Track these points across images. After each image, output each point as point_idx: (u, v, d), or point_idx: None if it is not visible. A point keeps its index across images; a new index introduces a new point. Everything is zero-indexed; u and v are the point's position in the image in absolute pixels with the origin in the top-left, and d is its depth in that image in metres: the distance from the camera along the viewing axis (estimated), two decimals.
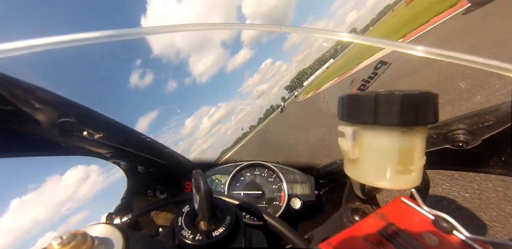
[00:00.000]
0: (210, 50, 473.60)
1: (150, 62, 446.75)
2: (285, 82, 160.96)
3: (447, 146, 0.31)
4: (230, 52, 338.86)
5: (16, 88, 0.27)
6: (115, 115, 0.40)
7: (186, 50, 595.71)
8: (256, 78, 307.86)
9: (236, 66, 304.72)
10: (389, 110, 0.20)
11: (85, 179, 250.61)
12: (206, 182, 0.25)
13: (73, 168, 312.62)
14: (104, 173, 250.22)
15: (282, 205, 0.63)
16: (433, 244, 0.19)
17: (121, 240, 0.21)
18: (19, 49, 0.21)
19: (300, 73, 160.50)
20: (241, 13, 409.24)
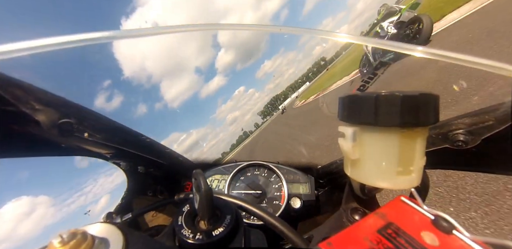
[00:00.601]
0: (183, 75, 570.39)
1: (119, 83, 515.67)
2: (258, 108, 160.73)
3: (446, 146, 0.31)
4: (204, 78, 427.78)
5: (16, 89, 0.27)
6: None
7: (158, 75, 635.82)
8: (229, 105, 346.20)
9: (209, 93, 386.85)
10: (389, 111, 0.20)
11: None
12: (206, 182, 0.25)
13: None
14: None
15: (282, 204, 0.63)
16: (433, 243, 0.19)
17: (121, 239, 0.22)
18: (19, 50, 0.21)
19: (274, 99, 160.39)
20: (216, 41, 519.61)
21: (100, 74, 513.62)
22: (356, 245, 0.19)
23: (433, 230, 0.20)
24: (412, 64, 3.62)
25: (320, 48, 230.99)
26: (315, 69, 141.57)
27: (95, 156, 0.48)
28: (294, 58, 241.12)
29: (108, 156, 0.50)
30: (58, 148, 0.39)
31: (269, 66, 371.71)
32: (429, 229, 0.20)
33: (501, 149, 0.29)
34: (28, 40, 0.22)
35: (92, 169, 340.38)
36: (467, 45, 3.28)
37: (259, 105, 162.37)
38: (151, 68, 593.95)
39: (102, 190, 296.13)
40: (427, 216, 0.22)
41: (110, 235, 0.22)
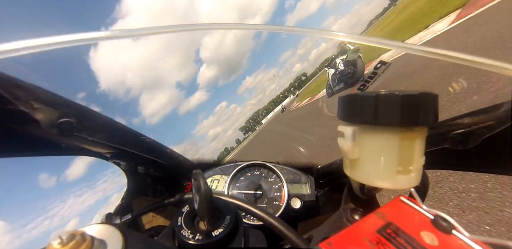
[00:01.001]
0: (164, 90, 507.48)
1: (95, 96, 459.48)
2: (239, 124, 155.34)
3: (446, 146, 0.31)
4: (185, 93, 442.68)
5: (16, 88, 0.27)
6: None
7: (137, 88, 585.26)
8: (211, 120, 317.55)
9: (190, 108, 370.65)
10: (389, 111, 0.20)
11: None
12: (206, 182, 0.25)
13: None
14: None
15: (282, 205, 0.63)
16: (432, 243, 0.19)
17: (121, 240, 0.22)
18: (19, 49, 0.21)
19: (255, 114, 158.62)
20: (199, 56, 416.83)
21: (74, 85, 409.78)
22: (356, 245, 0.19)
23: (433, 230, 0.20)
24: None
25: (300, 65, 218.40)
26: (296, 84, 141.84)
27: (95, 155, 0.48)
28: (275, 74, 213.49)
29: (108, 156, 0.50)
30: (58, 148, 0.39)
31: (251, 82, 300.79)
32: (428, 229, 0.20)
33: (501, 149, 0.29)
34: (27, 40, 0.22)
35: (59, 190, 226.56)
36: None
37: (241, 120, 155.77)
38: (130, 81, 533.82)
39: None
40: (426, 216, 0.22)
41: (110, 236, 0.22)
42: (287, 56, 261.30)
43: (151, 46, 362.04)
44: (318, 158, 3.48)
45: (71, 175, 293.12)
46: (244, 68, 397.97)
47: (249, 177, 0.71)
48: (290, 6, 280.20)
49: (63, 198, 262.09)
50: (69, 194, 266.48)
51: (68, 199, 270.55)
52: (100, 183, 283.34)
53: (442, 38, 4.74)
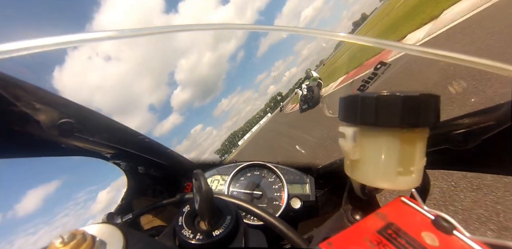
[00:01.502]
0: (136, 113, 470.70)
1: None
2: (216, 147, 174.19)
3: (447, 146, 0.31)
4: (158, 116, 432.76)
5: (16, 88, 0.27)
6: None
7: (107, 111, 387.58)
8: (185, 144, 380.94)
9: (163, 132, 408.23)
10: (390, 112, 0.20)
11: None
12: (206, 182, 0.25)
13: None
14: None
15: (282, 205, 0.63)
16: (433, 244, 0.19)
17: (122, 239, 0.22)
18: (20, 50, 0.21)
19: (232, 135, 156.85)
20: (173, 79, 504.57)
21: None
22: (357, 245, 0.19)
23: (434, 230, 0.20)
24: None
25: (274, 87, 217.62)
26: (272, 104, 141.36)
27: (95, 156, 0.48)
28: (250, 96, 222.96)
29: (108, 156, 0.50)
30: (58, 148, 0.39)
31: (227, 104, 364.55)
32: (429, 229, 0.20)
33: (502, 150, 0.29)
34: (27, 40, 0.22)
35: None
36: None
37: (218, 143, 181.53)
38: (98, 104, 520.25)
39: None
40: (427, 217, 0.22)
41: (111, 235, 0.22)
42: (262, 78, 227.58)
43: (122, 67, 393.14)
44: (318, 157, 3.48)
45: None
46: (219, 90, 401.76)
47: (249, 177, 0.71)
48: (263, 31, 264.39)
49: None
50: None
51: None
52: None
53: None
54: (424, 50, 0.26)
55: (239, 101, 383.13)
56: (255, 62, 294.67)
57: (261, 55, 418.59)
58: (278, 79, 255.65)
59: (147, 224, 0.64)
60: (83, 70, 18.16)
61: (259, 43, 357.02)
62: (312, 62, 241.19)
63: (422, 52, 0.26)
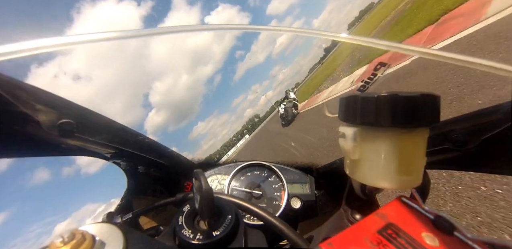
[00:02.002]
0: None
1: None
2: None
3: (447, 146, 0.31)
4: None
5: (16, 89, 0.27)
6: None
7: None
8: None
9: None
10: (390, 112, 0.20)
11: None
12: (206, 182, 0.25)
13: None
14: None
15: (282, 205, 0.63)
16: (433, 244, 0.19)
17: (122, 239, 0.22)
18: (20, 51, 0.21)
19: (207, 159, 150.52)
20: (148, 101, 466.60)
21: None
22: (357, 245, 0.19)
23: (434, 230, 0.20)
24: None
25: (251, 110, 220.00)
26: (249, 126, 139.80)
27: (95, 156, 0.48)
28: (227, 120, 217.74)
29: (108, 156, 0.50)
30: (58, 148, 0.39)
31: (203, 128, 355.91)
32: (429, 229, 0.20)
33: (501, 150, 0.29)
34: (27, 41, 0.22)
35: None
36: None
37: None
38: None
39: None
40: (427, 217, 0.22)
41: (111, 235, 0.22)
42: (239, 102, 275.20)
43: (91, 87, 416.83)
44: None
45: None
46: (196, 113, 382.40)
47: (249, 176, 0.71)
48: (240, 56, 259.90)
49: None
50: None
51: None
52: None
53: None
54: (425, 51, 0.26)
55: (216, 125, 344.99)
56: (232, 86, 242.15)
57: (237, 80, 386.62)
58: (256, 101, 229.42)
59: (147, 224, 0.64)
60: (50, 87, 16.77)
61: (236, 68, 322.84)
62: (288, 86, 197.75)
63: (423, 53, 0.26)
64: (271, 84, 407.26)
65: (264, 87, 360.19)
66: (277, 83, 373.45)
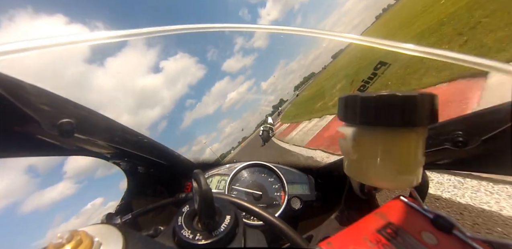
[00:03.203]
0: (5, 173, 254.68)
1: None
2: None
3: (446, 146, 0.31)
4: (40, 182, 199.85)
5: (16, 88, 0.27)
6: None
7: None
8: (72, 223, 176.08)
9: (43, 204, 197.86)
10: (389, 112, 0.20)
11: None
12: (206, 182, 0.25)
13: None
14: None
15: (281, 205, 0.63)
16: (432, 243, 0.19)
17: (121, 239, 0.22)
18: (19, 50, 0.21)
19: None
20: None
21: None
22: (356, 244, 0.19)
23: (433, 229, 0.20)
24: None
25: (208, 151, 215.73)
26: None
27: (95, 156, 0.48)
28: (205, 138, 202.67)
29: (108, 156, 0.50)
30: (58, 148, 0.39)
31: None
32: (428, 228, 0.21)
33: (501, 150, 0.29)
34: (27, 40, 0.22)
35: None
36: None
37: None
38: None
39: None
40: (426, 216, 0.22)
41: (110, 235, 0.22)
42: (183, 151, 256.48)
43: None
44: None
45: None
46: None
47: (249, 177, 0.71)
48: (190, 105, 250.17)
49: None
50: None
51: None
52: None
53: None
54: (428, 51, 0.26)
55: None
56: (177, 134, 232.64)
57: (184, 128, 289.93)
58: (201, 152, 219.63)
59: (147, 224, 0.64)
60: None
61: (184, 116, 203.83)
62: (235, 139, 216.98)
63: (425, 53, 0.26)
64: (218, 136, 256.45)
65: (211, 138, 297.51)
66: (224, 136, 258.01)
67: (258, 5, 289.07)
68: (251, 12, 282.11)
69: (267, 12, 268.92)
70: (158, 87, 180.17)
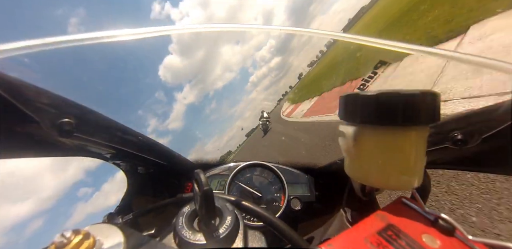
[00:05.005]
0: None
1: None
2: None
3: (446, 145, 0.31)
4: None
5: (16, 88, 0.27)
6: None
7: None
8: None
9: None
10: (390, 110, 0.20)
11: None
12: (207, 182, 0.25)
13: None
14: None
15: (282, 205, 0.63)
16: (433, 245, 0.19)
17: (122, 239, 0.22)
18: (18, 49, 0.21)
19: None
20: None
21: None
22: (356, 246, 0.19)
23: (434, 232, 0.20)
24: None
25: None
26: None
27: (95, 156, 0.48)
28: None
29: (108, 156, 0.50)
30: (58, 148, 0.39)
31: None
32: (430, 230, 0.20)
33: (501, 148, 0.29)
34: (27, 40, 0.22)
35: None
36: None
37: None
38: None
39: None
40: (428, 218, 0.22)
41: (111, 235, 0.22)
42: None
43: None
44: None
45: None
46: None
47: (249, 177, 0.71)
48: (85, 195, 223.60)
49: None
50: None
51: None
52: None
53: None
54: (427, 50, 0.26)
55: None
56: None
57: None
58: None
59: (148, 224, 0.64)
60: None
61: (73, 211, 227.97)
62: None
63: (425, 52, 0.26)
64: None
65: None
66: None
67: (175, 89, 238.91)
68: (167, 95, 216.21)
69: (183, 96, 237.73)
70: (41, 169, 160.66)
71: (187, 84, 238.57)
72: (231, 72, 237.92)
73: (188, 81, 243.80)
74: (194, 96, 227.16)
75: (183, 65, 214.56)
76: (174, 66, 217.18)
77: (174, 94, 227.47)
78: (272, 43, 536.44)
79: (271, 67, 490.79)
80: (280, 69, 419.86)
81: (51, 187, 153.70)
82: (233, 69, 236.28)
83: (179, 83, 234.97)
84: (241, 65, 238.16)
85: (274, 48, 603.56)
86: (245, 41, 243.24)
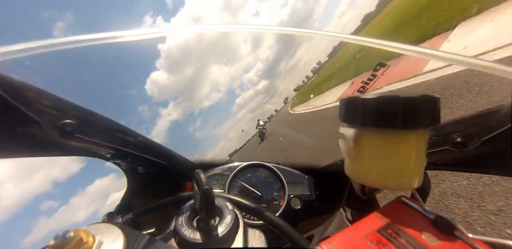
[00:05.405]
0: None
1: None
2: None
3: (446, 147, 0.31)
4: None
5: (17, 89, 0.27)
6: None
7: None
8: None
9: None
10: (390, 113, 0.20)
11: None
12: (207, 182, 0.25)
13: None
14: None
15: (282, 205, 0.63)
16: (433, 244, 0.19)
17: (122, 239, 0.22)
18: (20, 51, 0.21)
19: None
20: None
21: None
22: (356, 244, 0.19)
23: (434, 230, 0.20)
24: None
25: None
26: None
27: (96, 156, 0.48)
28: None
29: (108, 156, 0.50)
30: (58, 148, 0.39)
31: None
32: (430, 229, 0.21)
33: (500, 151, 0.29)
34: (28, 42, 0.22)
35: None
36: None
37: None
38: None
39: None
40: (428, 217, 0.22)
41: (111, 234, 0.22)
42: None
43: None
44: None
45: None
46: None
47: (249, 177, 0.71)
48: (49, 209, 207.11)
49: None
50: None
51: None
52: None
53: None
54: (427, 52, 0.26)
55: None
56: None
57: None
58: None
59: (147, 224, 0.64)
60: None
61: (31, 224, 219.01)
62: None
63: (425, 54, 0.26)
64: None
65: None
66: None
67: (161, 105, 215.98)
68: (151, 110, 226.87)
69: (167, 112, 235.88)
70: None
71: (172, 102, 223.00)
72: (218, 93, 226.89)
73: (173, 99, 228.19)
74: (179, 114, 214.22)
75: (170, 81, 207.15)
76: (160, 82, 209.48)
77: (158, 110, 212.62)
78: (259, 67, 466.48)
79: (258, 90, 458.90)
80: (267, 93, 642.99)
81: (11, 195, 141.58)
82: (221, 89, 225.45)
83: (165, 99, 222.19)
84: (228, 86, 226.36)
85: (261, 72, 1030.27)
86: (235, 61, 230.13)
